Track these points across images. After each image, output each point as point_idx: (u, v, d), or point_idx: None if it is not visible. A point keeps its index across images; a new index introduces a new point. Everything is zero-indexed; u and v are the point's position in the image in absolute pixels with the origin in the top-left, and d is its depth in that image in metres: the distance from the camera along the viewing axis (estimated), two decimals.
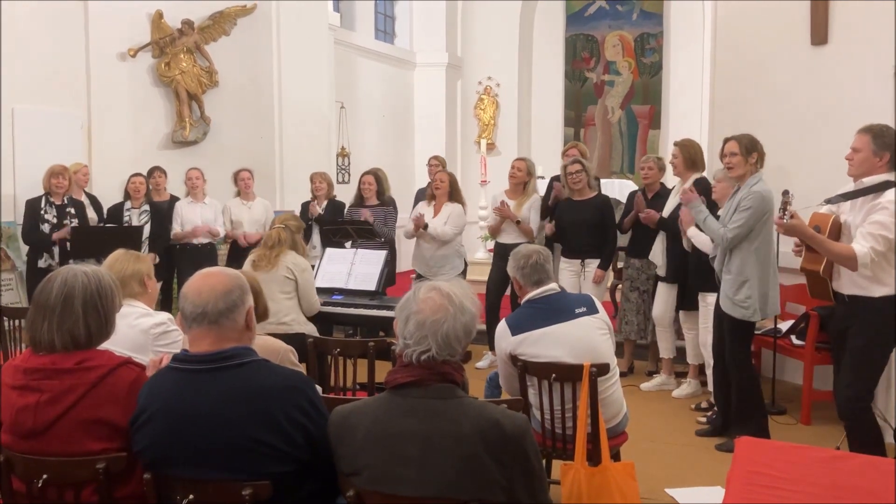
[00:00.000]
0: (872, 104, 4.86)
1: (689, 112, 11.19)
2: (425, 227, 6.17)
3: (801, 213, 3.73)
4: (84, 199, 6.73)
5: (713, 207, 5.00)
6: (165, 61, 7.95)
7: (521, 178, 6.19)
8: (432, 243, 6.26)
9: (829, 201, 3.80)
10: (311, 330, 4.63)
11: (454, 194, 6.37)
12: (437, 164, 7.26)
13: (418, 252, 6.42)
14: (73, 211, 6.31)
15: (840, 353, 3.84)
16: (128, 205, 6.72)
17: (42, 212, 6.18)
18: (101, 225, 6.60)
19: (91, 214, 6.70)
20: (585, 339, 3.29)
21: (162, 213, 6.83)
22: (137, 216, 6.66)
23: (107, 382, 2.13)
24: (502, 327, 3.37)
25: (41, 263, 6.13)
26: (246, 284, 2.15)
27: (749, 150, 4.30)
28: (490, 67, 12.10)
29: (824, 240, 3.59)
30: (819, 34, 5.47)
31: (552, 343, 3.25)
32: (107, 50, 7.60)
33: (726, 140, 4.42)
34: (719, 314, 4.53)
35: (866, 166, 3.58)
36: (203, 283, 2.10)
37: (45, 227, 6.15)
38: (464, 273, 6.44)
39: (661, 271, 5.55)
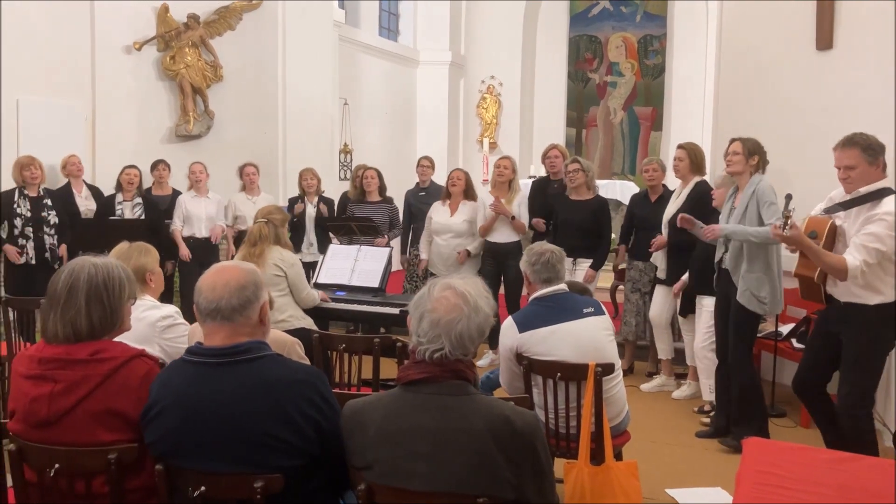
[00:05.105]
0: (876, 109, 4.86)
1: (691, 115, 11.24)
2: (469, 254, 6.18)
3: (800, 221, 3.78)
4: (84, 190, 6.72)
5: (713, 213, 5.02)
6: (170, 55, 7.98)
7: (508, 175, 6.23)
8: (450, 241, 6.26)
9: (826, 211, 3.81)
10: (310, 324, 4.62)
11: (469, 192, 6.36)
12: (428, 165, 7.21)
13: (436, 251, 6.35)
14: (49, 203, 6.16)
15: (817, 345, 3.92)
16: (119, 197, 6.61)
17: (14, 206, 6.01)
18: (111, 218, 6.48)
19: (91, 205, 6.67)
20: (592, 338, 3.32)
21: (155, 205, 6.74)
22: (130, 209, 6.55)
23: (120, 374, 2.14)
24: (508, 324, 3.38)
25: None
26: (261, 280, 2.15)
27: (751, 153, 4.43)
28: (493, 67, 12.13)
29: (819, 250, 3.62)
30: (824, 39, 5.46)
31: (559, 341, 3.27)
32: (112, 43, 7.63)
33: (732, 140, 4.53)
34: (725, 311, 4.55)
35: (866, 179, 3.58)
36: (217, 278, 2.10)
37: (18, 222, 6.00)
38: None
39: (662, 274, 5.58)
